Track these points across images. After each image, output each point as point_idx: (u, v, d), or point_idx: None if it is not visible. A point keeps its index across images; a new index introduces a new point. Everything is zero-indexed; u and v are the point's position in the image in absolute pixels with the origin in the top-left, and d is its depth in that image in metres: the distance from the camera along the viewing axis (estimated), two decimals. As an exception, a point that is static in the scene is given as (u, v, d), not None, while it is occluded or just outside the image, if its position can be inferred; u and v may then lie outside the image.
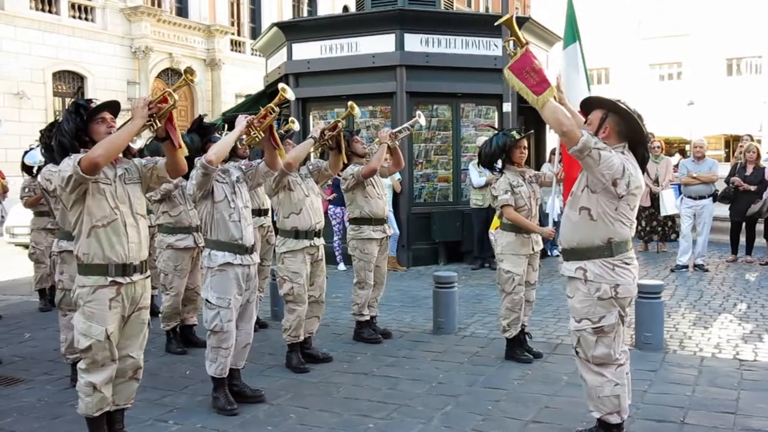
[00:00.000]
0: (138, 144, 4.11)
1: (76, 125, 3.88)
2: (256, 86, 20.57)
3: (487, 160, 5.87)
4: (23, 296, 9.42)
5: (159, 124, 3.81)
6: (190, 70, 3.93)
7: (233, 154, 5.04)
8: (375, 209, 6.51)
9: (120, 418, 4.09)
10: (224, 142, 4.70)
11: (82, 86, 23.52)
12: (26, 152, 7.86)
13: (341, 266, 10.81)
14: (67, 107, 4.07)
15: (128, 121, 3.77)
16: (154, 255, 7.11)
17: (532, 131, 7.61)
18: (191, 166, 4.61)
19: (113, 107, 4.00)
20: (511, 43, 3.86)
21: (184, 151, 4.01)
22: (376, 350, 6.28)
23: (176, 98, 3.81)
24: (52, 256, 5.66)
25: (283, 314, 5.85)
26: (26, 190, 8.11)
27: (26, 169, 8.04)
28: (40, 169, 5.30)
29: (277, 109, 4.83)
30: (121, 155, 4.03)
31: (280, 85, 4.97)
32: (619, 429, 3.91)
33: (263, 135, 4.83)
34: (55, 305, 5.81)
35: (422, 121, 6.95)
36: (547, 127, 14.72)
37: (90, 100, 4.02)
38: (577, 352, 3.95)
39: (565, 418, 4.45)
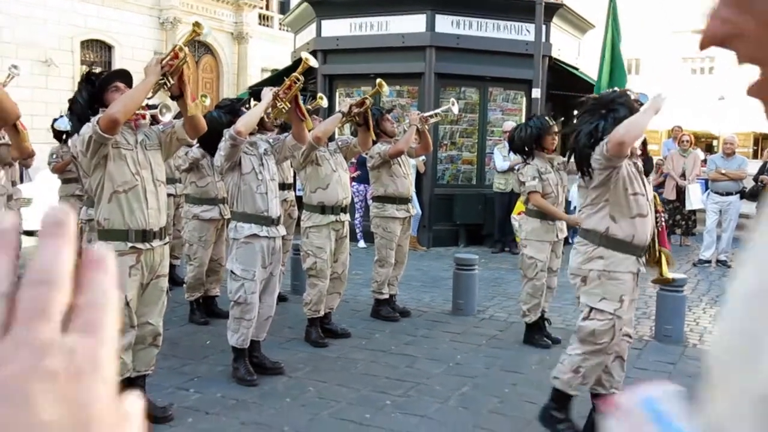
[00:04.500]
0: (167, 117, 4.13)
1: (90, 95, 3.95)
2: (283, 61, 20.51)
3: (519, 144, 5.84)
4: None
5: (172, 81, 3.86)
6: (197, 24, 3.96)
7: (261, 127, 5.06)
8: (400, 188, 6.51)
9: (141, 384, 4.15)
10: (252, 113, 4.74)
11: (110, 56, 23.60)
12: (56, 119, 7.93)
13: (361, 243, 10.84)
14: (80, 79, 4.15)
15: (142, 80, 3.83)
16: (179, 225, 7.19)
17: (563, 118, 7.57)
18: (219, 139, 4.66)
19: (125, 76, 4.05)
20: None
21: (198, 107, 4.06)
22: (394, 328, 6.31)
23: (186, 52, 3.87)
24: (80, 224, 5.72)
25: (303, 288, 5.90)
26: (54, 156, 8.18)
27: (56, 135, 8.11)
28: (69, 135, 5.34)
29: (301, 78, 4.84)
30: (146, 120, 4.07)
31: (303, 54, 5.00)
32: None
33: (289, 106, 4.86)
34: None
35: (455, 109, 6.94)
36: (575, 113, 14.57)
37: (101, 72, 4.07)
38: None
39: (582, 405, 4.45)
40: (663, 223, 4.17)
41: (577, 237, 4.02)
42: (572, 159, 4.04)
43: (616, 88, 4.46)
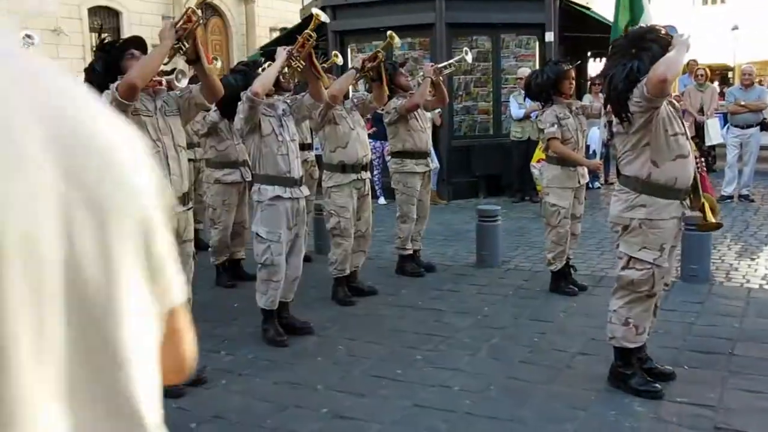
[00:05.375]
0: (183, 83, 4.13)
1: (106, 63, 3.97)
2: (291, 19, 20.31)
3: (537, 91, 5.76)
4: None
5: (187, 45, 3.86)
6: None
7: (278, 88, 5.02)
8: (418, 143, 6.47)
9: (174, 348, 4.21)
10: (267, 73, 4.72)
11: (118, 22, 23.46)
12: None
13: (381, 200, 10.83)
14: (95, 48, 4.17)
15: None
16: (201, 190, 7.22)
17: (580, 61, 7.46)
18: (237, 103, 4.65)
19: (139, 43, 4.05)
20: None
21: (215, 69, 4.05)
22: (420, 283, 6.34)
23: (199, 14, 3.89)
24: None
25: (327, 248, 5.92)
26: None
27: None
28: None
29: (314, 35, 4.80)
30: (163, 86, 4.07)
31: (314, 10, 4.96)
32: None
33: (304, 64, 4.82)
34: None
35: (469, 58, 6.86)
36: (589, 55, 14.32)
37: (116, 41, 4.07)
38: None
39: (612, 350, 4.48)
40: (704, 169, 4.10)
41: (617, 184, 3.96)
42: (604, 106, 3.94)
43: (642, 24, 4.34)
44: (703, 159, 10.17)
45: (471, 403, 3.83)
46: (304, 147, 6.99)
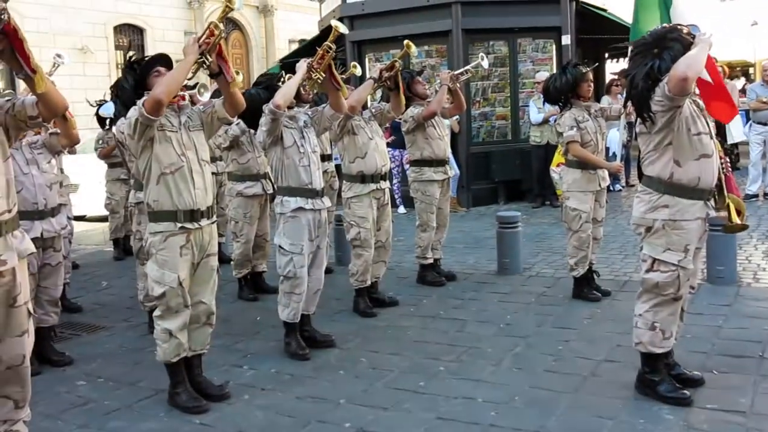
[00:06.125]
0: (205, 97, 4.15)
1: (134, 80, 4.06)
2: (310, 31, 20.39)
3: (555, 94, 5.71)
4: (97, 245, 9.73)
5: (210, 59, 3.88)
6: (229, 0, 3.94)
7: (299, 100, 5.03)
8: (436, 150, 6.44)
9: (198, 363, 4.22)
10: (288, 86, 4.73)
11: (142, 39, 23.75)
12: (100, 105, 8.02)
13: (401, 209, 10.80)
14: (123, 66, 4.25)
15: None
16: (223, 203, 7.25)
17: (597, 64, 7.39)
18: (260, 115, 4.67)
19: (165, 61, 4.10)
20: None
21: (238, 84, 4.08)
22: (442, 293, 6.30)
23: (222, 28, 3.89)
24: (129, 206, 5.81)
25: (347, 259, 5.90)
26: (100, 141, 8.34)
27: (100, 121, 8.22)
28: (113, 121, 5.45)
29: (333, 47, 4.81)
30: (186, 102, 4.09)
31: (332, 22, 4.97)
32: None
33: (324, 76, 4.84)
34: (132, 254, 5.98)
35: (485, 63, 6.81)
36: (606, 57, 14.22)
37: (143, 58, 4.14)
38: None
39: (639, 357, 4.41)
40: (729, 169, 4.03)
41: (640, 185, 3.90)
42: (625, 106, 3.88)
43: (664, 24, 4.28)
44: (728, 159, 10.02)
45: (495, 415, 3.78)
46: (324, 158, 6.99)
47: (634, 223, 3.89)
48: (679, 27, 3.79)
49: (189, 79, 3.99)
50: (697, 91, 3.91)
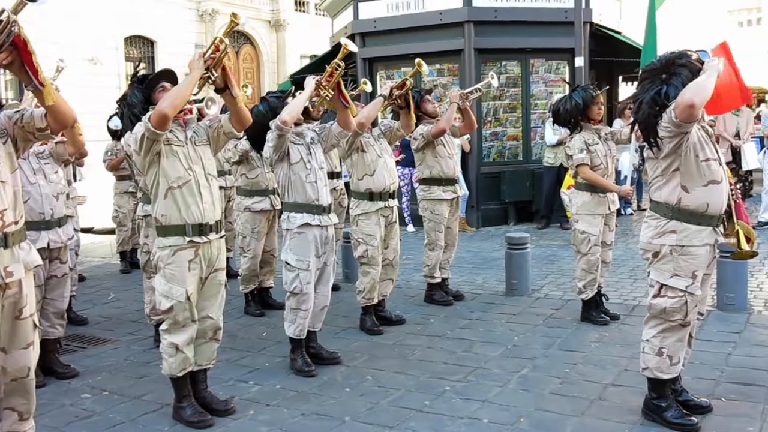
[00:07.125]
0: (213, 110, 4.17)
1: (142, 95, 4.10)
2: (321, 46, 20.49)
3: (565, 117, 5.70)
4: (104, 258, 9.75)
5: (216, 74, 3.89)
6: (234, 14, 3.97)
7: (306, 116, 5.04)
8: (445, 169, 6.44)
9: (203, 378, 4.21)
10: (296, 102, 4.75)
11: (153, 51, 23.92)
12: (111, 117, 8.07)
13: (410, 227, 10.80)
14: (129, 81, 4.30)
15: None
16: (231, 217, 7.26)
17: (608, 86, 7.39)
18: (266, 133, 4.69)
19: (170, 76, 4.15)
20: None
21: (244, 97, 4.09)
22: (449, 312, 6.28)
23: (227, 43, 3.90)
24: (137, 219, 5.83)
25: (355, 276, 5.89)
26: (109, 153, 8.37)
27: (111, 133, 8.26)
28: (122, 132, 5.47)
29: (342, 64, 4.83)
30: (193, 115, 4.11)
31: (342, 40, 4.99)
32: None
33: (332, 93, 4.85)
34: (139, 267, 5.98)
35: (495, 82, 6.82)
36: (620, 80, 14.19)
37: (149, 74, 4.20)
38: None
39: (646, 382, 4.37)
40: (738, 196, 4.01)
41: (648, 210, 3.89)
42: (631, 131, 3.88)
43: (675, 50, 4.28)
44: (738, 186, 9.94)
45: (501, 437, 3.75)
46: (333, 175, 7.01)
47: (641, 248, 3.88)
48: (688, 53, 3.78)
49: (195, 94, 4.01)
50: (707, 118, 3.89)
